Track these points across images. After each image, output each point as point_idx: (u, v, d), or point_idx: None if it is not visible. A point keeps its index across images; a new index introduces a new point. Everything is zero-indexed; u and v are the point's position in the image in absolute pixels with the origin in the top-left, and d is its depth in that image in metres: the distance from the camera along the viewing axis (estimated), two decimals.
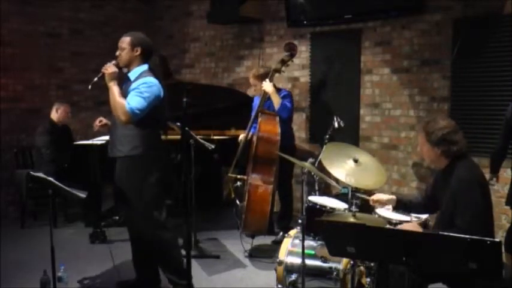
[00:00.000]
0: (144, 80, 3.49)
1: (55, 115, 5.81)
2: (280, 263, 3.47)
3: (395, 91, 5.34)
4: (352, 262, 3.27)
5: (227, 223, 5.59)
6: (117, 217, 5.58)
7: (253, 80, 5.06)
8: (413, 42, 5.15)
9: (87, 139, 5.18)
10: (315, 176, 3.97)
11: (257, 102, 4.95)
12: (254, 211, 4.50)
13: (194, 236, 4.86)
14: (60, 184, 3.28)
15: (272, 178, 4.56)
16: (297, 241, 3.48)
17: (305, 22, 5.79)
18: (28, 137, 6.18)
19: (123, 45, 3.58)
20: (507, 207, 4.02)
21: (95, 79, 3.55)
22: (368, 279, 3.44)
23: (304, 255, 3.21)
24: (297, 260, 3.36)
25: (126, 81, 3.62)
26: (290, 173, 5.27)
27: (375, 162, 3.56)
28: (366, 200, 3.36)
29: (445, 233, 2.23)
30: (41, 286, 3.72)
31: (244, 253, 4.72)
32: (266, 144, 4.55)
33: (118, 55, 3.60)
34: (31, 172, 3.44)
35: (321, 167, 3.75)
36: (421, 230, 2.88)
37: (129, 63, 3.60)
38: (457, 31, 4.76)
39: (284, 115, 4.80)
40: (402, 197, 3.34)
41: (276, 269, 3.50)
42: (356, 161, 3.37)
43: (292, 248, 3.50)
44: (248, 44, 6.72)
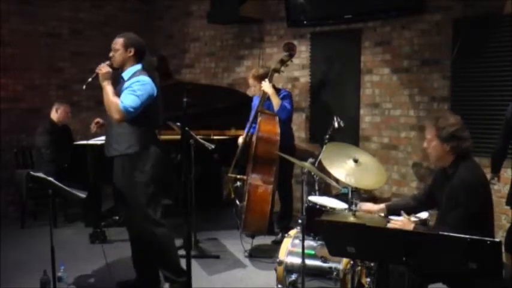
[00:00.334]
0: (138, 79, 3.51)
1: (55, 115, 5.81)
2: (280, 263, 3.46)
3: (395, 91, 5.33)
4: (352, 262, 3.27)
5: (227, 223, 5.59)
6: (117, 217, 5.58)
7: (252, 81, 5.05)
8: (413, 42, 5.15)
9: (87, 139, 5.17)
10: (315, 176, 3.96)
11: (256, 102, 4.94)
12: (254, 211, 4.50)
13: (194, 236, 4.86)
14: (60, 184, 3.28)
15: (272, 178, 4.56)
16: (297, 241, 3.48)
17: (305, 22, 5.78)
18: (28, 137, 6.18)
19: (116, 46, 3.60)
20: (507, 207, 4.01)
21: (89, 79, 3.57)
22: (368, 279, 3.43)
23: (304, 255, 3.21)
24: (297, 260, 3.36)
25: (120, 81, 3.64)
26: (290, 173, 5.27)
27: (375, 162, 3.56)
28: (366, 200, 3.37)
29: (445, 233, 2.23)
30: (41, 286, 3.72)
31: (244, 253, 4.72)
32: (266, 144, 4.55)
33: (111, 56, 3.62)
34: (31, 172, 3.44)
35: (321, 167, 3.75)
36: (413, 226, 2.87)
37: (123, 64, 3.62)
38: (457, 31, 4.75)
39: (283, 116, 4.79)
40: (391, 205, 3.32)
41: (276, 269, 3.49)
42: (356, 161, 3.38)
43: (292, 248, 3.50)
44: (248, 44, 6.72)
